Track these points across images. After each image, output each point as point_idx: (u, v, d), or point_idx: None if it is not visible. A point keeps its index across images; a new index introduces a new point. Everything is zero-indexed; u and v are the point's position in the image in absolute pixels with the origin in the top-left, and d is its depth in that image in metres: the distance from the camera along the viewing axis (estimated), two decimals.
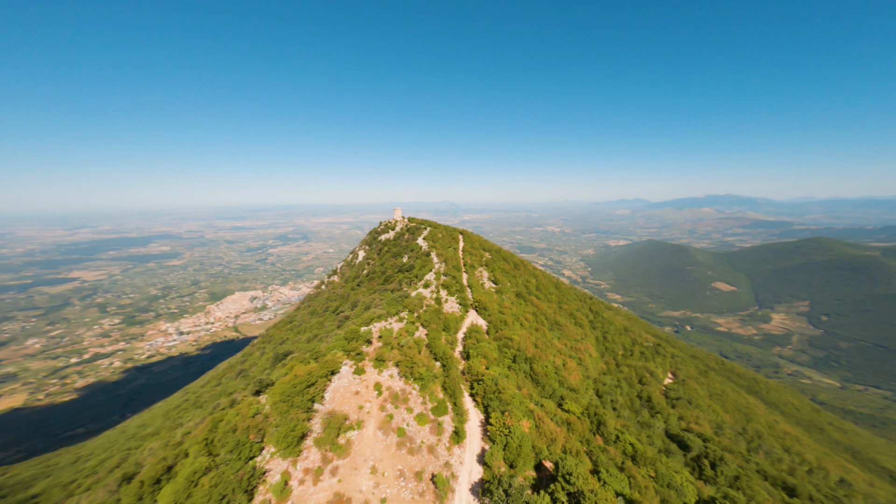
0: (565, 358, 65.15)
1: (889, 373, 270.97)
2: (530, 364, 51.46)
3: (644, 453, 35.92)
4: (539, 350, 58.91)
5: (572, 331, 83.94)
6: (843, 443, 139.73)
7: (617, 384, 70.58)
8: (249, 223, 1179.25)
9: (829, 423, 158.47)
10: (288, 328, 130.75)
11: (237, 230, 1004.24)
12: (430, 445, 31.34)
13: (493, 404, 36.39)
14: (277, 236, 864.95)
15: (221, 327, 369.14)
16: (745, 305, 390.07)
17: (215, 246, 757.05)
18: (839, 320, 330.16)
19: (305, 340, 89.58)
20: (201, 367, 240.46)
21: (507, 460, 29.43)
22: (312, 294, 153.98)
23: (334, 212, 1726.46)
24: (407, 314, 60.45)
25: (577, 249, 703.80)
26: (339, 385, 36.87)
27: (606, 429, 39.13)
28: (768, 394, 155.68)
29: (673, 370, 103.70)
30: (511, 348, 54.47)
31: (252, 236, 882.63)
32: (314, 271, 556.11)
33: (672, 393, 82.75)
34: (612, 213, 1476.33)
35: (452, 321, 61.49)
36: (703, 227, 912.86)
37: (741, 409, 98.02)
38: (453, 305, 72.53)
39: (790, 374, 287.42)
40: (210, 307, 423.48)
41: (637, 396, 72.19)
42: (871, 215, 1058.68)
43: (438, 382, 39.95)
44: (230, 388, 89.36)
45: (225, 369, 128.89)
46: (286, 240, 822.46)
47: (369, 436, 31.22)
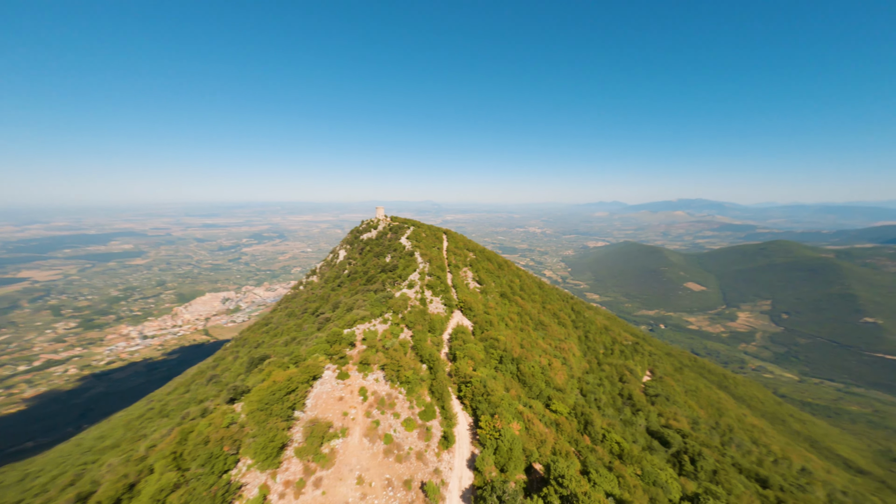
0: (550, 358, 65.72)
1: (842, 366, 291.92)
2: (517, 365, 51.37)
3: (630, 452, 36.40)
4: (525, 350, 59.03)
5: (556, 330, 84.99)
6: (803, 433, 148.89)
7: (599, 382, 71.97)
8: (222, 220, 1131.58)
9: (790, 415, 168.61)
10: (263, 331, 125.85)
11: (208, 228, 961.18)
12: (419, 452, 30.34)
13: (481, 407, 35.82)
14: (252, 235, 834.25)
15: (190, 330, 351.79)
16: (714, 304, 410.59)
17: (184, 244, 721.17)
18: (798, 318, 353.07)
19: (283, 344, 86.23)
20: (168, 373, 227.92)
21: (498, 464, 28.89)
22: (290, 295, 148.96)
23: (313, 210, 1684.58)
24: (391, 315, 59.02)
25: (557, 250, 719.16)
26: (321, 391, 35.20)
27: (594, 428, 39.44)
28: (736, 388, 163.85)
29: (651, 368, 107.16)
30: (497, 349, 54.22)
31: (224, 234, 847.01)
32: (291, 271, 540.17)
33: (651, 390, 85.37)
34: (591, 216, 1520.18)
35: (438, 322, 60.59)
36: (675, 230, 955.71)
37: (714, 404, 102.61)
38: (438, 306, 71.63)
39: (754, 369, 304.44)
40: (177, 309, 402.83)
41: (619, 394, 73.88)
42: (827, 220, 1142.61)
43: (425, 385, 38.98)
44: (200, 396, 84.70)
45: (194, 375, 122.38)
46: (261, 238, 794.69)
47: (355, 444, 29.87)
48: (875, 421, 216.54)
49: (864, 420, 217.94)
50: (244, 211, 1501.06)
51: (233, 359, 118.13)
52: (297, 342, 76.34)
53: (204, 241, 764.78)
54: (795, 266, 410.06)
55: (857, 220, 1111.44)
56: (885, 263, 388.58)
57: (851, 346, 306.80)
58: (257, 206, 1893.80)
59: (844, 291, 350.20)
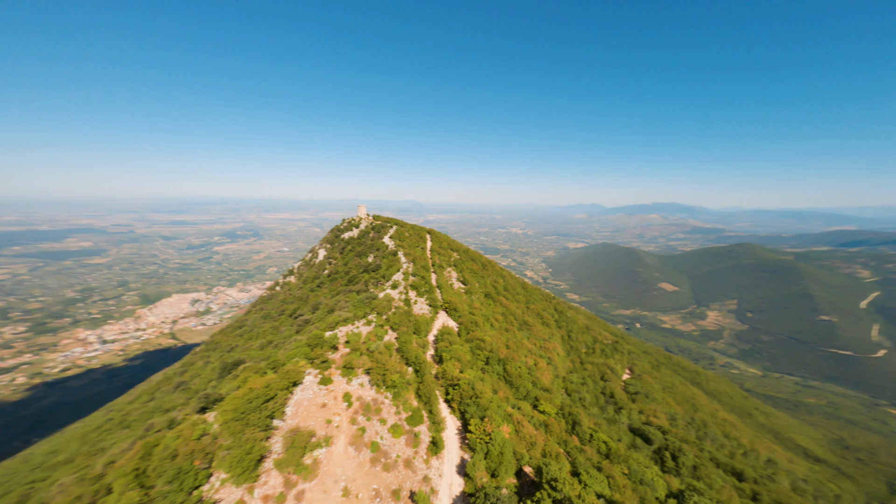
0: (536, 358, 66.02)
1: (800, 361, 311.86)
2: (503, 365, 51.09)
3: (617, 451, 36.73)
4: (511, 351, 58.92)
5: (540, 330, 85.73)
6: (768, 426, 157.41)
7: (583, 381, 73.06)
8: (191, 217, 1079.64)
9: (756, 409, 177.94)
10: (237, 334, 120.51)
11: (176, 225, 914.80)
12: (407, 459, 29.24)
13: (470, 410, 35.11)
14: (224, 233, 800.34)
15: (155, 334, 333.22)
16: (686, 304, 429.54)
17: (149, 242, 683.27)
18: (761, 316, 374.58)
19: (258, 347, 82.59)
20: (130, 380, 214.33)
21: (489, 469, 28.24)
22: (266, 296, 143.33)
23: (290, 208, 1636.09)
24: (375, 317, 57.40)
25: (538, 251, 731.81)
26: (302, 398, 33.37)
27: (581, 428, 39.58)
28: (708, 384, 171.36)
29: (630, 366, 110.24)
30: (484, 350, 53.76)
31: (194, 232, 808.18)
32: (266, 271, 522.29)
33: (631, 388, 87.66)
34: (572, 217, 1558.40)
35: (423, 323, 59.49)
36: (650, 232, 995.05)
37: (689, 400, 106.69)
38: (423, 307, 70.51)
39: (722, 365, 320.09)
40: (141, 311, 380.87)
41: (601, 392, 75.31)
42: (788, 224, 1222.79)
43: (412, 389, 37.87)
44: (167, 404, 79.80)
45: (160, 382, 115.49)
46: (234, 237, 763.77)
47: (339, 453, 28.39)
48: (829, 412, 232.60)
49: (820, 411, 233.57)
50: (216, 208, 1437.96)
51: (203, 364, 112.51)
52: (275, 346, 73.20)
53: (171, 238, 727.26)
54: (759, 267, 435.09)
55: (814, 224, 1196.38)
56: (838, 265, 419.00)
57: (809, 343, 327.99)
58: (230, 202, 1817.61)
59: (803, 291, 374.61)
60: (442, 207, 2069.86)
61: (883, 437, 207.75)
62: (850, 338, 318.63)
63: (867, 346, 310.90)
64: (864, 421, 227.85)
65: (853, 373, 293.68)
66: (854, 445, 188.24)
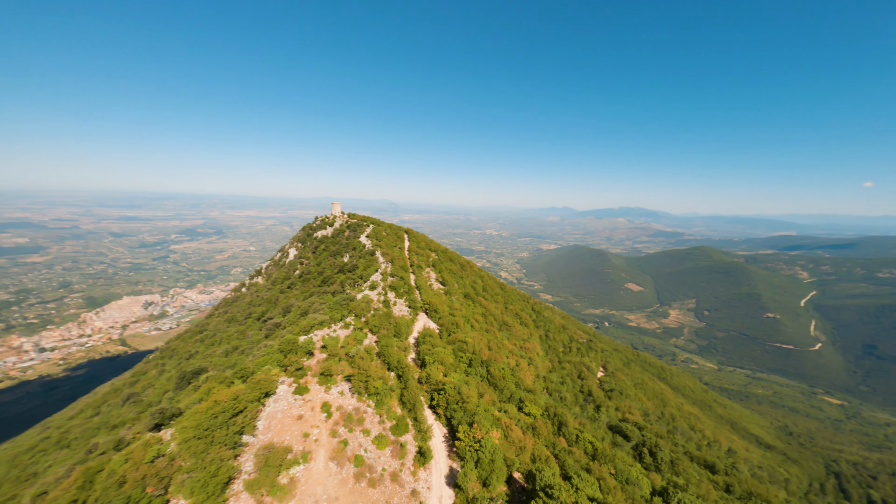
0: (517, 358, 65.69)
1: (749, 356, 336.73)
2: (487, 367, 50.08)
3: (604, 452, 36.66)
4: (493, 352, 58.11)
5: (519, 330, 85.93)
6: (725, 417, 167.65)
7: (562, 381, 73.81)
8: (145, 213, 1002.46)
9: (714, 401, 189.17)
10: (197, 339, 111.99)
11: (128, 221, 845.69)
12: (394, 472, 27.25)
13: (457, 416, 33.64)
14: (183, 230, 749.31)
15: (102, 340, 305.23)
16: (650, 303, 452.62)
17: (96, 239, 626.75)
18: (716, 314, 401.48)
19: (222, 354, 76.75)
20: (71, 392, 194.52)
21: (480, 478, 26.87)
22: (230, 298, 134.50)
23: (257, 205, 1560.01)
24: (353, 319, 54.55)
25: (513, 252, 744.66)
26: (276, 409, 30.39)
27: (567, 429, 39.26)
28: (672, 379, 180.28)
29: (603, 363, 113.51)
30: (466, 352, 52.50)
31: (148, 229, 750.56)
32: (230, 272, 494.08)
33: (606, 385, 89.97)
34: (545, 220, 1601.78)
35: (403, 325, 57.33)
36: (617, 235, 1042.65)
37: (658, 395, 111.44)
38: (403, 308, 68.25)
39: (683, 360, 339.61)
40: (86, 316, 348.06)
41: (580, 391, 76.46)
42: (738, 230, 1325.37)
43: (395, 396, 35.82)
44: (114, 420, 72.35)
45: (106, 394, 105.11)
46: (194, 234, 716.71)
47: (319, 470, 25.89)
48: (775, 401, 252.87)
49: (767, 401, 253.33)
50: (174, 203, 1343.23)
51: (157, 373, 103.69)
52: (241, 352, 68.13)
53: (122, 235, 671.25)
54: (714, 269, 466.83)
55: (761, 230, 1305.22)
56: (781, 267, 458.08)
57: (757, 338, 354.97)
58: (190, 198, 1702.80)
59: (751, 291, 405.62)
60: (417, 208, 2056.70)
61: (819, 423, 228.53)
62: (792, 333, 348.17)
63: (806, 341, 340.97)
64: (804, 408, 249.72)
65: (794, 364, 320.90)
66: (796, 431, 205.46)
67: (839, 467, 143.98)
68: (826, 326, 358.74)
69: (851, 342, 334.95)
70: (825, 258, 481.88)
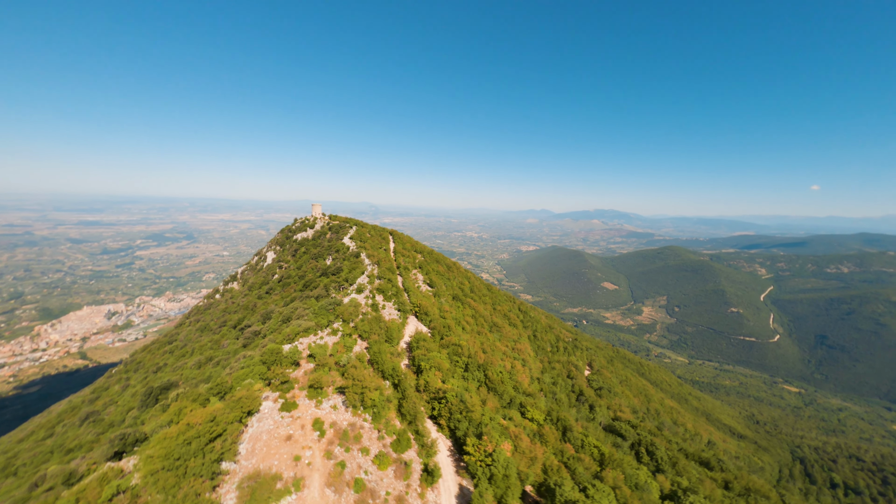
0: (511, 360, 63.76)
1: (717, 349, 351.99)
2: (484, 371, 47.64)
3: (611, 456, 35.00)
4: (488, 355, 55.80)
5: (509, 331, 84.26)
6: (700, 409, 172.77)
7: (554, 381, 72.55)
8: (108, 217, 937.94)
9: (689, 394, 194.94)
10: (166, 350, 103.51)
11: (88, 226, 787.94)
12: (399, 496, 24.15)
13: (462, 426, 30.91)
14: (150, 235, 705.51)
15: (59, 354, 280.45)
16: (625, 301, 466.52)
17: (52, 246, 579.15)
18: (686, 310, 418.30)
19: (195, 366, 70.40)
20: (23, 412, 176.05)
21: (496, 496, 24.26)
22: (202, 306, 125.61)
23: (231, 208, 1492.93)
24: (341, 325, 50.72)
25: (493, 254, 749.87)
26: (260, 430, 26.53)
27: (573, 434, 37.39)
28: (650, 374, 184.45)
29: (589, 361, 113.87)
30: (462, 356, 49.88)
31: (112, 234, 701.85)
32: (202, 278, 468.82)
33: (594, 383, 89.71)
34: (524, 222, 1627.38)
35: (394, 330, 54.00)
36: (593, 236, 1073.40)
37: (642, 392, 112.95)
38: (392, 312, 64.77)
39: (657, 355, 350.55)
40: (41, 328, 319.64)
41: (571, 391, 75.52)
42: (702, 230, 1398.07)
43: (393, 407, 32.66)
44: (70, 442, 64.61)
45: (63, 413, 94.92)
46: (162, 240, 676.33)
47: (314, 499, 22.40)
48: (741, 392, 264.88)
49: (735, 392, 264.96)
50: (139, 207, 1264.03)
51: (121, 388, 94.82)
52: (217, 363, 62.41)
53: (82, 241, 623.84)
54: (682, 267, 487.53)
55: (722, 230, 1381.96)
56: (742, 265, 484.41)
57: (723, 332, 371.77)
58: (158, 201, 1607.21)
59: (717, 287, 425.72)
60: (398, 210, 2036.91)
61: (781, 411, 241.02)
62: (754, 326, 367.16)
63: (766, 333, 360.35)
64: (767, 397, 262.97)
65: (756, 356, 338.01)
66: (762, 420, 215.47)
67: (803, 453, 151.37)
68: (783, 319, 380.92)
69: (805, 333, 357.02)
70: (780, 255, 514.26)
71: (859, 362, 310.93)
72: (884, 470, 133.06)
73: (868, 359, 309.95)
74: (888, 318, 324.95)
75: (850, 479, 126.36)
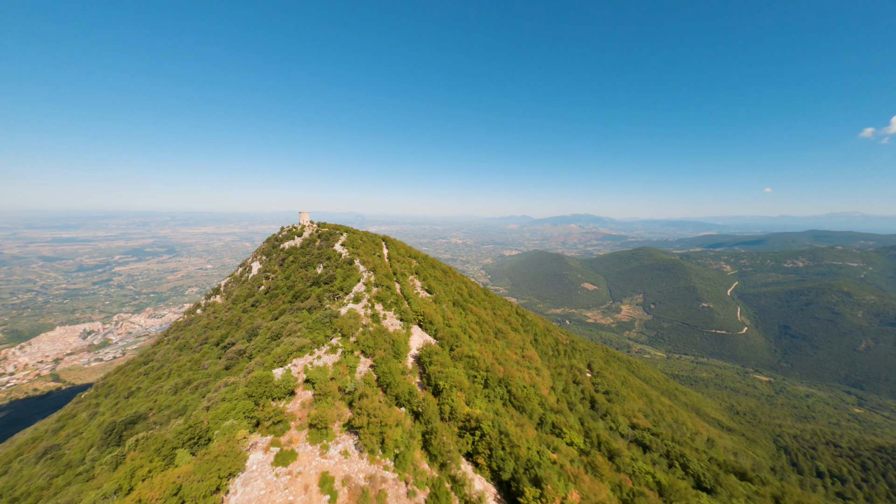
0: (524, 369, 56.97)
1: (692, 343, 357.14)
2: (506, 387, 40.59)
3: (672, 485, 28.57)
4: (504, 366, 48.83)
5: (514, 337, 77.51)
6: (689, 404, 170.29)
7: (565, 388, 66.23)
8: (84, 233, 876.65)
9: (676, 389, 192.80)
10: (141, 371, 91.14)
11: (62, 243, 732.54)
12: None
13: (507, 466, 23.72)
14: (129, 250, 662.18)
15: (29, 377, 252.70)
16: (604, 300, 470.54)
17: (23, 265, 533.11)
18: (661, 307, 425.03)
19: (170, 391, 59.94)
20: None
21: None
22: (182, 321, 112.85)
23: (214, 221, 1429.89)
24: (340, 340, 42.53)
25: (478, 259, 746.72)
26: (247, 499, 18.45)
27: (622, 460, 30.80)
28: (639, 371, 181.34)
29: (588, 363, 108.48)
30: (479, 370, 42.65)
31: (88, 251, 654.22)
32: (185, 293, 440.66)
33: (600, 387, 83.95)
34: (505, 228, 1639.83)
35: (401, 343, 46.21)
36: (571, 240, 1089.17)
37: (643, 392, 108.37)
38: (394, 322, 56.79)
39: (637, 351, 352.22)
40: (9, 351, 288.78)
41: (583, 397, 69.38)
42: (671, 231, 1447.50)
43: (417, 445, 25.12)
44: (21, 484, 53.11)
45: (23, 445, 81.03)
46: (142, 254, 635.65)
47: None
48: (718, 384, 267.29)
49: (713, 384, 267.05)
50: (118, 222, 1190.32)
51: (88, 416, 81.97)
52: (196, 388, 52.50)
53: (55, 259, 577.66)
54: (656, 267, 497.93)
55: (689, 230, 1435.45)
56: (709, 262, 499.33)
57: (696, 326, 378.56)
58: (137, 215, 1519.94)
59: (688, 284, 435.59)
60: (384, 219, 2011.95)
61: (756, 400, 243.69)
62: (724, 320, 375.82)
63: (735, 326, 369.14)
64: (742, 387, 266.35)
65: (728, 348, 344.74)
66: (741, 410, 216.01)
67: (785, 441, 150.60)
68: (749, 312, 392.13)
69: (770, 324, 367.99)
70: (742, 253, 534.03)
71: (819, 350, 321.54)
72: (860, 455, 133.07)
73: (827, 346, 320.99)
74: (842, 308, 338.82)
75: (833, 467, 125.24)
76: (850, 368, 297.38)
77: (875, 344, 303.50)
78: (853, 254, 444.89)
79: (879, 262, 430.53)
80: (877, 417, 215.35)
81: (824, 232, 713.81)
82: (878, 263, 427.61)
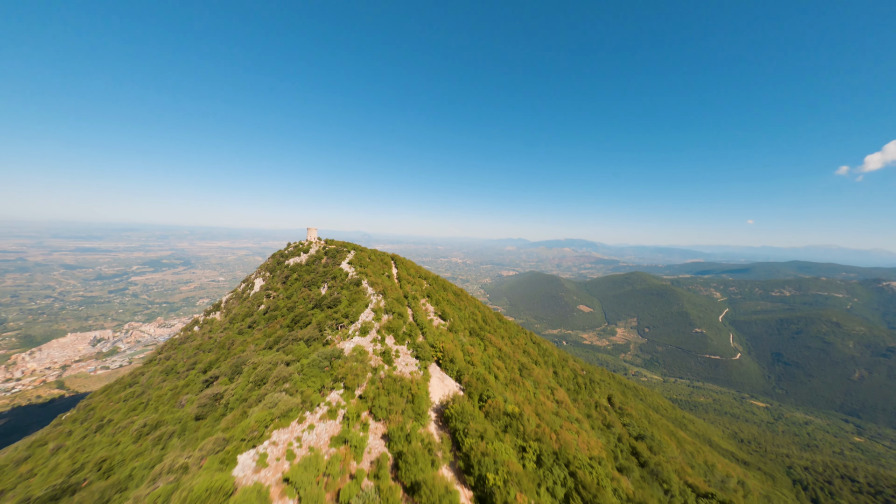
0: (563, 422, 43.23)
1: (686, 367, 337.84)
2: (568, 468, 27.34)
3: None
4: (550, 425, 35.44)
5: (538, 373, 63.89)
6: (700, 434, 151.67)
7: (606, 441, 52.03)
8: (106, 244, 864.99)
9: (684, 417, 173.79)
10: (122, 397, 76.05)
11: (84, 252, 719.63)
12: None
13: None
14: (147, 261, 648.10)
15: (35, 384, 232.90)
16: (600, 323, 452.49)
17: (44, 272, 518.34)
18: (655, 331, 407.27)
19: (134, 436, 45.57)
20: None
21: None
22: (178, 339, 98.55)
23: (230, 236, 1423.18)
24: (343, 394, 29.54)
25: (477, 278, 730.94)
26: None
27: None
28: (647, 399, 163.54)
29: (608, 396, 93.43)
30: (527, 437, 29.52)
31: (108, 260, 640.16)
32: (196, 303, 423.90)
33: (632, 430, 69.25)
34: (503, 249, 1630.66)
35: (421, 397, 33.18)
36: (565, 263, 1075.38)
37: (670, 432, 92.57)
38: (409, 360, 43.46)
39: (633, 374, 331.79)
40: (19, 356, 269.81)
41: (620, 447, 54.94)
42: (659, 257, 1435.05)
43: None
44: None
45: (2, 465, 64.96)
46: (159, 266, 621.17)
47: None
48: (717, 409, 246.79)
49: (712, 409, 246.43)
50: (139, 234, 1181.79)
51: (52, 451, 66.26)
52: (159, 438, 38.48)
53: (76, 267, 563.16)
54: (648, 291, 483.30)
55: (676, 257, 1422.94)
56: (699, 289, 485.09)
57: (690, 351, 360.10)
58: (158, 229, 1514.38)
59: (681, 309, 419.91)
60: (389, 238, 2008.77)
61: (758, 427, 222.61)
62: (717, 345, 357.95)
63: (729, 351, 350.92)
64: (742, 413, 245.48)
65: (722, 373, 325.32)
66: (746, 438, 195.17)
67: (797, 474, 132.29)
68: (741, 338, 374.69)
69: (763, 351, 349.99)
70: (730, 280, 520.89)
71: (813, 377, 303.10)
72: (882, 492, 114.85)
73: (820, 374, 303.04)
74: (832, 337, 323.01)
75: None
76: (846, 397, 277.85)
77: (869, 374, 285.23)
78: (837, 285, 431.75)
79: (864, 294, 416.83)
80: (879, 447, 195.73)
81: (806, 262, 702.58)
82: (863, 295, 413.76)
